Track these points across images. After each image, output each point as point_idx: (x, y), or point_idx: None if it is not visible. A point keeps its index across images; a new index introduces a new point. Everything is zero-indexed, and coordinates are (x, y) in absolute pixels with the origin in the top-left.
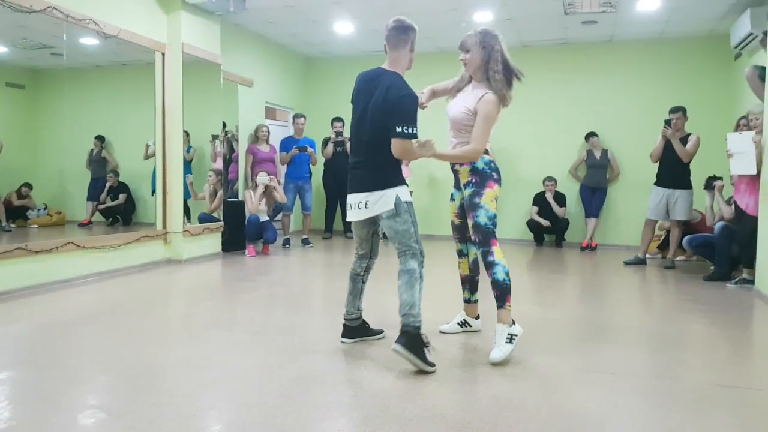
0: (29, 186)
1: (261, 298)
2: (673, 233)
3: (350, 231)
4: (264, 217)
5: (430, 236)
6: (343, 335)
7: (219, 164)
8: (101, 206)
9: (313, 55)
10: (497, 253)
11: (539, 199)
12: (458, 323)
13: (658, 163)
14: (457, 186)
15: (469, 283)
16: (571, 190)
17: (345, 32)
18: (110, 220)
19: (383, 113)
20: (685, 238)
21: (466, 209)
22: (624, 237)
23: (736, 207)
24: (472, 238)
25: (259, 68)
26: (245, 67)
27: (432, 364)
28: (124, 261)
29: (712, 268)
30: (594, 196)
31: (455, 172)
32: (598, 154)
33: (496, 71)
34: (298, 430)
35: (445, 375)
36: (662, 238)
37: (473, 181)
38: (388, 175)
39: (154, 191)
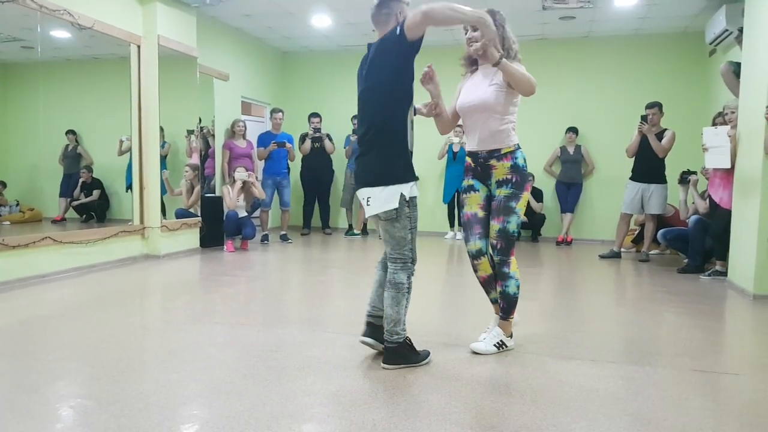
0: (3, 183)
1: (241, 292)
2: (648, 227)
3: (328, 227)
4: (242, 213)
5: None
6: (369, 334)
7: (195, 159)
8: (75, 203)
9: (290, 49)
10: (513, 264)
11: None
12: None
13: (633, 158)
14: (481, 178)
15: (494, 282)
16: (547, 185)
17: (322, 26)
18: (84, 216)
19: (386, 65)
20: (660, 232)
21: (496, 211)
22: (599, 231)
23: (711, 201)
24: (494, 242)
25: (235, 62)
26: (221, 61)
27: (424, 357)
28: (101, 256)
29: (686, 260)
30: (569, 192)
31: (488, 167)
32: (571, 150)
33: (516, 51)
34: (288, 416)
35: (429, 364)
36: (636, 233)
37: (513, 180)
38: (398, 167)
39: (128, 187)
